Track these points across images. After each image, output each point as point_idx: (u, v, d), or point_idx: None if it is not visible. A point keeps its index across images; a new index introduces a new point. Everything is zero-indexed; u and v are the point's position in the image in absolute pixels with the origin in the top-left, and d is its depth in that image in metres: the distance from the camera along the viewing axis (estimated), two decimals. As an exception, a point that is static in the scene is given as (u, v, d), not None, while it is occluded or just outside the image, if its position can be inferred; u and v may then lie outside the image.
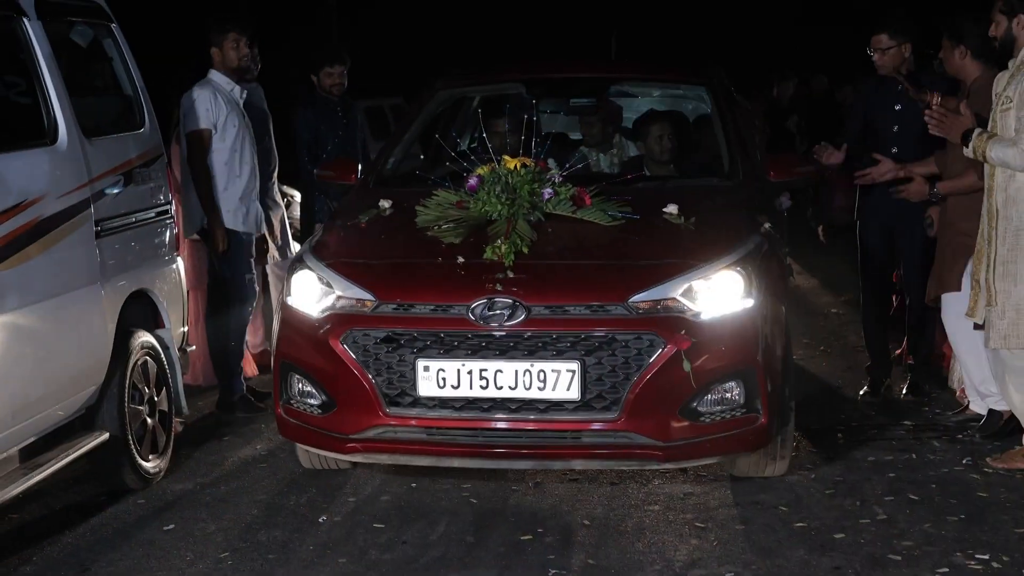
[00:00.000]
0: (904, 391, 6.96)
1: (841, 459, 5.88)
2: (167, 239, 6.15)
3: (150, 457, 5.72)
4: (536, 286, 5.01)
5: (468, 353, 4.94)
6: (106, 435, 5.42)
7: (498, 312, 4.93)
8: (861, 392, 7.01)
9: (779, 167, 6.20)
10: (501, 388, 4.91)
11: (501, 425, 4.97)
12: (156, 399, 5.85)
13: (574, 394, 4.89)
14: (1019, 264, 5.48)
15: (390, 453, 5.12)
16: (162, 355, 5.92)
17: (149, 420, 5.77)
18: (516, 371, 4.90)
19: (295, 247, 7.51)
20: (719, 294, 5.05)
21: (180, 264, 6.32)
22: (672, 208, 5.46)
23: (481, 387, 4.92)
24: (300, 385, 5.22)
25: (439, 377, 4.93)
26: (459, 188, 5.58)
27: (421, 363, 4.95)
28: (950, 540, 4.89)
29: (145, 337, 5.77)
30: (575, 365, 4.87)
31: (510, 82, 7.06)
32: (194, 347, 6.85)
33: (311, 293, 5.25)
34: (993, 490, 5.44)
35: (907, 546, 4.84)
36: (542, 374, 4.88)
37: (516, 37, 21.49)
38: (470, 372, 4.92)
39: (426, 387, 4.96)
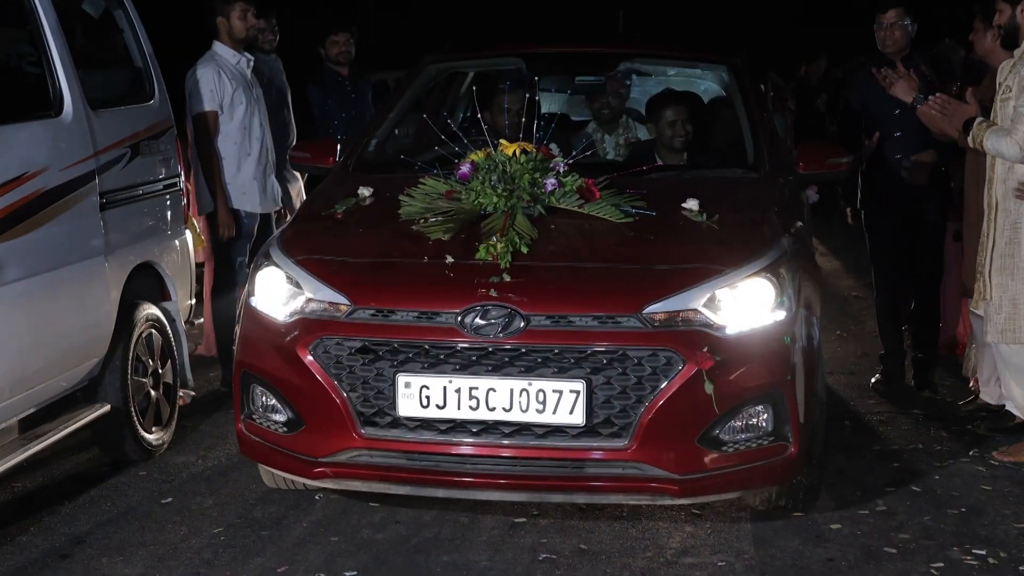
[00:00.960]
0: (915, 387, 6.86)
1: (845, 448, 5.82)
2: (175, 212, 6.14)
3: (153, 429, 5.74)
4: (536, 292, 4.44)
5: (456, 368, 4.37)
6: (107, 407, 5.44)
7: (492, 322, 4.36)
8: (873, 380, 6.94)
9: (809, 158, 5.62)
10: (494, 409, 4.36)
11: (492, 452, 4.42)
12: (161, 371, 5.87)
13: (577, 418, 4.33)
14: (1016, 258, 5.39)
15: (364, 480, 4.57)
16: (168, 328, 5.93)
17: (153, 392, 5.79)
18: (511, 390, 4.34)
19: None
20: (747, 305, 4.48)
21: (188, 237, 6.31)
22: (692, 203, 4.93)
23: (471, 408, 4.37)
24: (264, 399, 4.67)
25: (422, 395, 4.38)
26: (449, 175, 5.02)
27: (402, 378, 4.38)
28: (948, 534, 4.84)
29: (150, 310, 5.78)
30: (579, 385, 4.31)
31: (507, 57, 6.45)
32: (202, 320, 6.87)
33: (277, 294, 4.69)
34: (997, 483, 5.38)
35: (904, 539, 4.79)
36: (541, 394, 4.33)
37: (519, 13, 21.29)
38: (458, 390, 4.36)
39: (407, 406, 4.39)
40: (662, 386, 4.32)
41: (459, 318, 4.39)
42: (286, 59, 7.87)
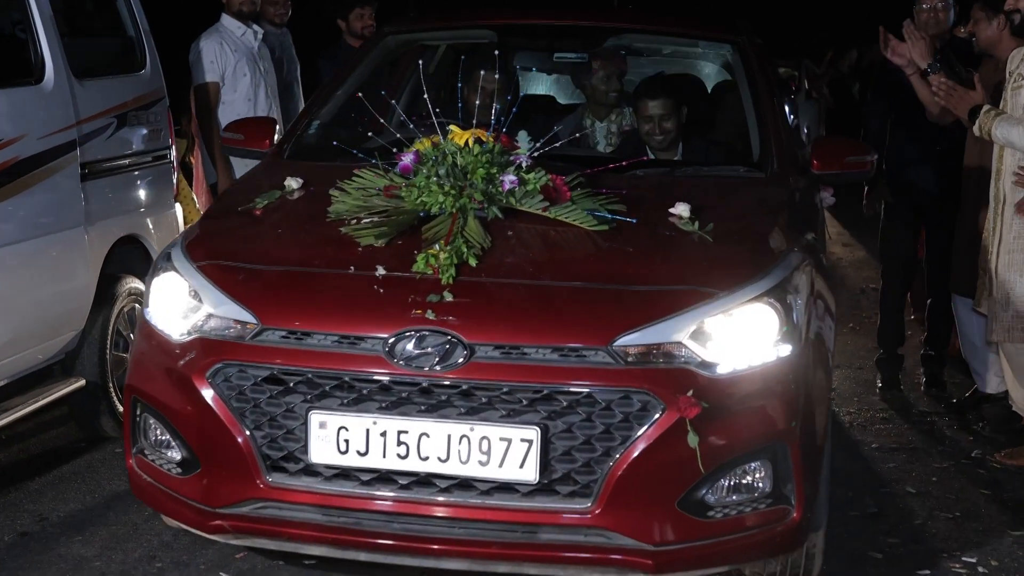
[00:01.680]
0: (924, 385, 6.64)
1: (844, 446, 5.64)
2: (164, 184, 6.03)
3: (133, 405, 5.64)
4: (483, 316, 3.62)
5: (382, 407, 3.56)
6: (82, 381, 5.34)
7: (427, 351, 3.54)
8: (879, 386, 6.70)
9: (825, 155, 4.71)
10: (427, 459, 3.54)
11: (425, 510, 3.60)
12: (143, 347, 5.77)
13: (529, 473, 3.51)
14: None
15: (271, 537, 3.74)
16: (152, 302, 5.81)
17: (134, 368, 5.69)
18: (449, 436, 3.53)
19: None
20: (744, 337, 3.64)
21: (178, 210, 6.20)
22: (682, 209, 4.08)
23: (399, 456, 3.56)
24: (157, 432, 3.88)
25: (340, 438, 3.57)
26: (391, 167, 4.21)
27: (316, 417, 3.57)
28: (939, 539, 4.67)
29: (133, 283, 5.67)
30: (532, 432, 3.48)
31: (475, 28, 5.66)
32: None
33: (175, 306, 3.86)
34: (996, 488, 5.20)
35: (892, 543, 4.62)
36: (485, 442, 3.51)
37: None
38: (383, 434, 3.55)
39: (322, 450, 3.58)
40: (635, 436, 3.49)
41: (387, 345, 3.58)
42: (300, 32, 7.76)
